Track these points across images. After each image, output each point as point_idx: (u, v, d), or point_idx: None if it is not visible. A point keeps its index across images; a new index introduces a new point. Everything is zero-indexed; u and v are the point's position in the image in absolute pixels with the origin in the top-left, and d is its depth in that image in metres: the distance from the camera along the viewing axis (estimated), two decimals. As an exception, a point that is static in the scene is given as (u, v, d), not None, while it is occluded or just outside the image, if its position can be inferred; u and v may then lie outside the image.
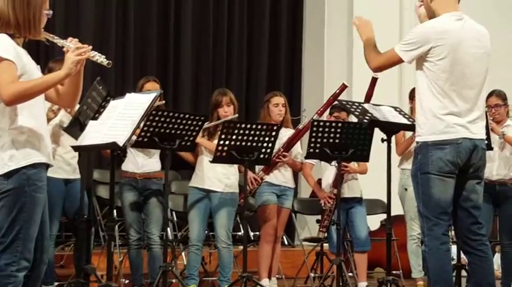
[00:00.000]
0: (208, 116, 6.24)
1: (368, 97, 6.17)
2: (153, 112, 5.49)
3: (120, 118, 4.78)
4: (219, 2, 10.17)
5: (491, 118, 6.79)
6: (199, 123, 5.74)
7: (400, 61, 4.44)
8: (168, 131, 5.59)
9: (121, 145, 4.62)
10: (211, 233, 6.87)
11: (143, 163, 6.25)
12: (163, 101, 6.23)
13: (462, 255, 5.41)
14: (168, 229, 6.29)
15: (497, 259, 7.44)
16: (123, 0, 9.42)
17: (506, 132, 6.81)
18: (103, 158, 8.09)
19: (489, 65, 4.45)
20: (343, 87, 6.59)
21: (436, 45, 4.27)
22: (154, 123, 5.52)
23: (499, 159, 6.81)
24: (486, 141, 4.66)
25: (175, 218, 7.78)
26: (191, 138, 5.74)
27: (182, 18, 9.82)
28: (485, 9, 10.34)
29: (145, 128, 5.51)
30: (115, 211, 5.74)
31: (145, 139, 5.57)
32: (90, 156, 6.73)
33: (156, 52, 9.64)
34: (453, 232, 4.65)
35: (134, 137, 5.37)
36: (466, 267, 5.27)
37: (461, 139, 4.27)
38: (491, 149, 6.45)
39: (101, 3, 9.28)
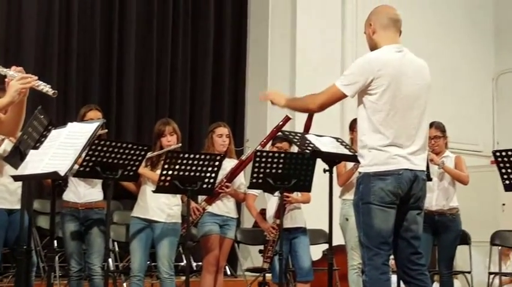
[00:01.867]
0: (151, 146, 6.21)
1: (307, 128, 6.21)
2: (96, 141, 5.44)
3: (62, 147, 4.72)
4: (163, 31, 10.15)
5: (430, 149, 6.90)
6: (142, 153, 5.70)
7: (343, 96, 4.41)
8: (110, 160, 5.53)
9: (62, 174, 4.56)
10: (153, 264, 6.81)
11: (85, 192, 6.18)
12: (106, 130, 6.19)
13: (402, 284, 5.45)
14: (110, 259, 6.22)
15: (436, 288, 7.55)
16: (66, 27, 9.33)
17: (445, 163, 6.93)
18: (44, 188, 7.98)
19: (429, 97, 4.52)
20: (287, 119, 6.62)
21: (377, 77, 4.31)
22: (96, 153, 5.46)
23: (438, 190, 6.92)
24: (426, 172, 4.73)
25: (117, 249, 7.69)
26: (134, 168, 5.70)
27: (125, 47, 9.77)
28: (424, 41, 10.57)
29: (87, 158, 5.45)
30: (55, 241, 5.66)
31: (88, 169, 5.51)
32: (30, 186, 6.63)
33: (99, 81, 9.56)
34: (393, 261, 4.69)
35: (76, 167, 5.32)
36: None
37: (403, 170, 4.31)
38: (431, 179, 6.55)
39: (42, 31, 9.17)
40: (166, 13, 10.19)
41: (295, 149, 6.39)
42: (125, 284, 7.27)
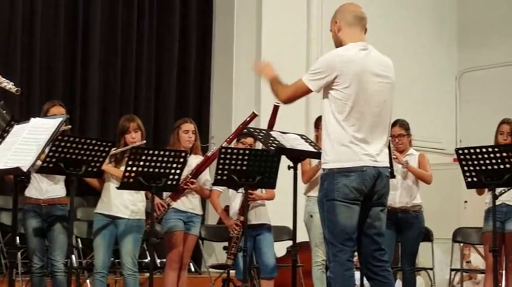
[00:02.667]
0: (115, 142, 6.17)
1: (271, 125, 6.22)
2: (59, 137, 5.39)
3: (25, 143, 4.68)
4: (128, 26, 10.08)
5: (394, 148, 6.95)
6: (106, 149, 5.67)
7: (308, 91, 4.47)
8: (74, 156, 5.49)
9: (25, 170, 4.52)
10: (117, 261, 6.77)
11: (47, 188, 6.12)
12: (69, 126, 6.14)
13: (365, 280, 5.48)
14: (73, 256, 6.17)
15: (398, 284, 7.60)
16: (29, 23, 9.22)
17: (409, 162, 6.97)
18: (6, 184, 7.89)
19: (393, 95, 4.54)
20: (253, 116, 6.63)
21: (341, 74, 4.33)
22: (60, 149, 5.42)
23: (401, 188, 6.96)
24: (389, 170, 4.76)
25: (80, 245, 7.64)
26: (97, 164, 5.66)
27: (90, 42, 9.68)
28: (389, 38, 10.64)
29: (50, 154, 5.40)
30: (18, 237, 5.59)
31: (51, 165, 5.46)
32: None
33: (62, 76, 9.45)
34: (357, 258, 4.71)
35: (39, 163, 5.27)
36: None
37: (366, 167, 4.34)
38: (394, 177, 6.58)
39: (5, 26, 9.06)
40: (131, 8, 10.12)
41: (260, 145, 6.40)
42: (88, 281, 7.23)
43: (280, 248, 8.31)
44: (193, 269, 8.90)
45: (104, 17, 9.84)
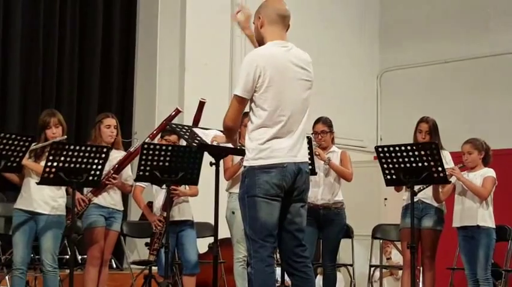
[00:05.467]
0: (36, 137, 6.09)
1: (196, 121, 6.22)
2: (-23, 132, 5.30)
3: None
4: (50, 18, 9.86)
5: (317, 145, 7.02)
6: (26, 144, 5.60)
7: (244, 101, 4.41)
8: (-8, 151, 5.41)
9: None
10: (36, 257, 6.68)
11: (-37, 184, 6.02)
12: (-13, 121, 6.04)
13: (286, 277, 5.53)
14: (-9, 252, 6.07)
15: (319, 280, 7.70)
16: None
17: (331, 159, 7.05)
18: None
19: (313, 92, 4.58)
20: (177, 111, 6.62)
21: (263, 73, 4.34)
22: (-23, 143, 5.33)
23: (323, 184, 7.03)
24: (310, 167, 4.80)
25: (-1, 241, 7.52)
26: (17, 159, 5.58)
27: (10, 35, 9.47)
28: (311, 36, 10.75)
29: (-32, 148, 5.31)
30: None
31: (-32, 159, 5.37)
32: None
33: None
34: (278, 254, 4.74)
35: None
36: (290, 288, 5.39)
37: (287, 163, 4.35)
38: (315, 174, 6.66)
39: None
40: (53, 1, 9.95)
41: (184, 142, 6.39)
42: (7, 278, 7.10)
43: (203, 244, 8.32)
44: (114, 265, 8.84)
45: (25, 11, 9.63)
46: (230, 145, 5.27)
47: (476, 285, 6.81)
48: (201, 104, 6.33)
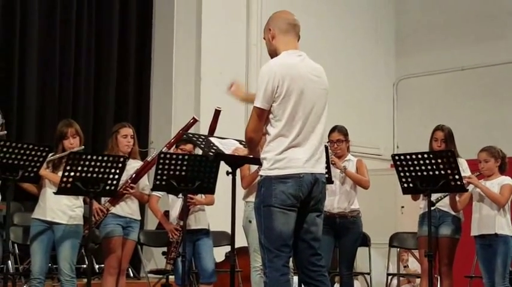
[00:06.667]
0: (53, 147, 6.12)
1: (212, 130, 6.23)
2: (-5, 142, 5.34)
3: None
4: (66, 30, 9.97)
5: (333, 153, 7.01)
6: (43, 154, 5.64)
7: (262, 111, 4.40)
8: (10, 161, 5.45)
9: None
10: (54, 266, 6.71)
11: (-20, 194, 6.05)
12: (5, 132, 6.06)
13: (303, 286, 5.52)
14: (9, 261, 6.09)
15: (337, 289, 7.69)
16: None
17: (347, 167, 7.04)
18: None
19: (329, 100, 4.58)
20: (194, 121, 6.64)
21: (281, 83, 4.34)
22: (-4, 154, 5.37)
23: (340, 193, 7.01)
24: (326, 175, 4.79)
25: (17, 251, 7.54)
26: (35, 169, 5.62)
27: (27, 46, 9.53)
28: (328, 47, 10.76)
29: (-15, 159, 5.35)
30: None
31: (-14, 170, 5.41)
32: None
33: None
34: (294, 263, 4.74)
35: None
36: (307, 297, 5.37)
37: (304, 173, 4.36)
38: (332, 182, 6.66)
39: None
40: (69, 12, 10.02)
41: (200, 151, 6.41)
42: (25, 287, 7.14)
43: (220, 253, 8.33)
44: (132, 274, 8.86)
45: (41, 22, 9.70)
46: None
47: (494, 293, 6.77)
48: (217, 113, 6.34)
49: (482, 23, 11.46)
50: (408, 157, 6.01)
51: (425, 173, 5.95)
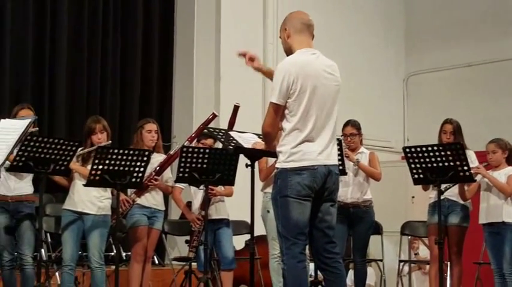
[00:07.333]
0: (82, 142, 6.16)
1: (231, 124, 6.24)
2: (28, 137, 5.38)
3: (-5, 143, 4.67)
4: (93, 30, 10.01)
5: (346, 146, 7.01)
6: (73, 148, 5.67)
7: (278, 107, 4.40)
8: (42, 155, 5.49)
9: (-5, 168, 4.51)
10: (84, 254, 6.76)
11: (15, 186, 6.08)
12: (37, 128, 6.08)
13: (319, 272, 5.53)
14: (42, 250, 6.14)
15: (350, 275, 7.69)
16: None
17: (360, 160, 7.04)
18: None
19: (342, 96, 4.58)
20: (214, 116, 6.65)
21: (296, 80, 4.36)
22: (29, 149, 5.42)
23: (353, 184, 7.01)
24: (340, 167, 4.79)
25: (49, 240, 7.60)
26: (65, 163, 5.66)
27: (57, 46, 9.60)
28: (340, 43, 10.73)
29: (20, 153, 5.40)
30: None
31: (21, 163, 5.45)
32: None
33: (31, 80, 9.36)
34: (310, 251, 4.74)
35: (8, 162, 5.25)
36: (323, 283, 5.38)
37: (317, 165, 4.37)
38: (346, 174, 6.66)
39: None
40: (96, 12, 10.08)
41: (219, 145, 6.43)
42: (57, 274, 7.19)
43: (239, 241, 8.35)
44: (157, 261, 8.90)
45: (70, 21, 9.77)
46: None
47: (502, 279, 6.76)
48: (236, 108, 6.35)
49: (491, 19, 11.37)
50: (419, 149, 5.99)
51: (435, 164, 5.94)
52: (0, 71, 9.11)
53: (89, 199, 6.16)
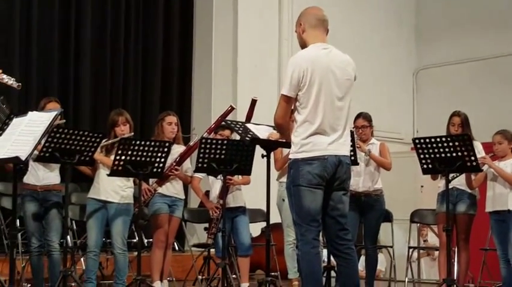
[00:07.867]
0: (106, 134, 6.19)
1: (248, 117, 6.25)
2: (54, 129, 5.41)
3: (23, 134, 4.71)
4: (116, 27, 10.08)
5: (358, 137, 7.02)
6: (98, 140, 5.70)
7: (289, 99, 4.42)
8: (68, 147, 5.52)
9: (23, 159, 4.55)
10: (108, 241, 6.80)
11: (43, 176, 6.12)
12: (64, 120, 6.14)
13: (332, 258, 5.55)
14: (68, 236, 6.19)
15: (362, 261, 7.69)
16: (26, 22, 9.19)
17: (371, 150, 7.05)
18: (6, 171, 7.85)
19: (354, 89, 4.57)
20: (231, 108, 6.66)
21: (306, 73, 4.37)
22: (55, 140, 5.45)
23: (364, 174, 7.01)
24: (352, 158, 4.79)
25: (75, 227, 7.65)
26: (90, 154, 5.69)
27: (82, 42, 9.67)
28: (352, 37, 10.71)
29: (47, 144, 5.43)
30: (18, 220, 5.60)
31: (47, 154, 5.49)
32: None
33: (57, 74, 9.45)
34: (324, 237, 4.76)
35: (36, 152, 5.28)
36: (335, 268, 5.40)
37: (328, 156, 4.37)
38: (357, 164, 6.66)
39: (5, 23, 9.03)
40: (119, 11, 10.12)
41: (237, 136, 6.44)
42: (82, 259, 7.24)
43: (256, 229, 8.37)
44: (177, 248, 8.94)
45: (94, 17, 9.83)
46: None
47: (507, 264, 6.75)
48: (253, 102, 6.36)
49: (502, 12, 11.28)
50: (428, 140, 5.98)
51: (443, 155, 5.92)
52: (28, 68, 9.17)
53: (113, 188, 6.20)
